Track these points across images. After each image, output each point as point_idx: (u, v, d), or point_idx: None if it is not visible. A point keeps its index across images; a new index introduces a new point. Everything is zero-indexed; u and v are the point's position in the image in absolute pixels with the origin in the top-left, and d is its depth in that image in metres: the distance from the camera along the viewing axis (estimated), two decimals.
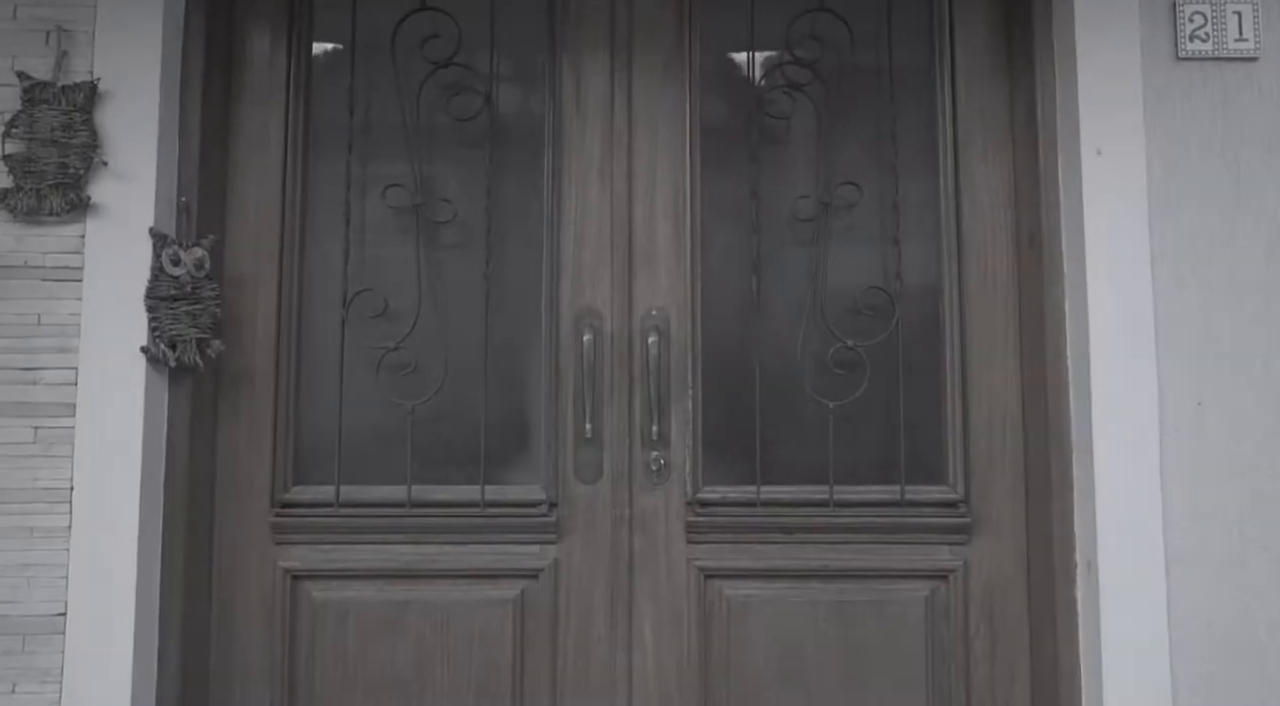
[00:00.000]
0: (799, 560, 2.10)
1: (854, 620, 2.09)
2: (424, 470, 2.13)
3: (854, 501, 2.11)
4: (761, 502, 2.10)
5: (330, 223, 2.18)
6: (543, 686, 2.09)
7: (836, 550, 2.10)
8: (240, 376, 2.11)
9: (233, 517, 2.10)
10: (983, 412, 2.13)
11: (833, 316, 2.15)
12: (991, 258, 2.16)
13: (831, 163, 2.19)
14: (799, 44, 2.20)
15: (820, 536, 2.10)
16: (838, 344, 2.13)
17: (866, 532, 2.11)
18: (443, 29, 2.19)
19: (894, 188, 2.17)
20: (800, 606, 2.10)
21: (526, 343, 2.18)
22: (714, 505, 2.12)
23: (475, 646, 2.09)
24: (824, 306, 2.16)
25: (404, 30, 2.20)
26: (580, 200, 2.19)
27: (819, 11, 2.20)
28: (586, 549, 2.12)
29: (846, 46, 2.21)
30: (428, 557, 2.10)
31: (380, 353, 2.12)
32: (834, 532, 2.10)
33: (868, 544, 2.11)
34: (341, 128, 2.20)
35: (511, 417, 2.17)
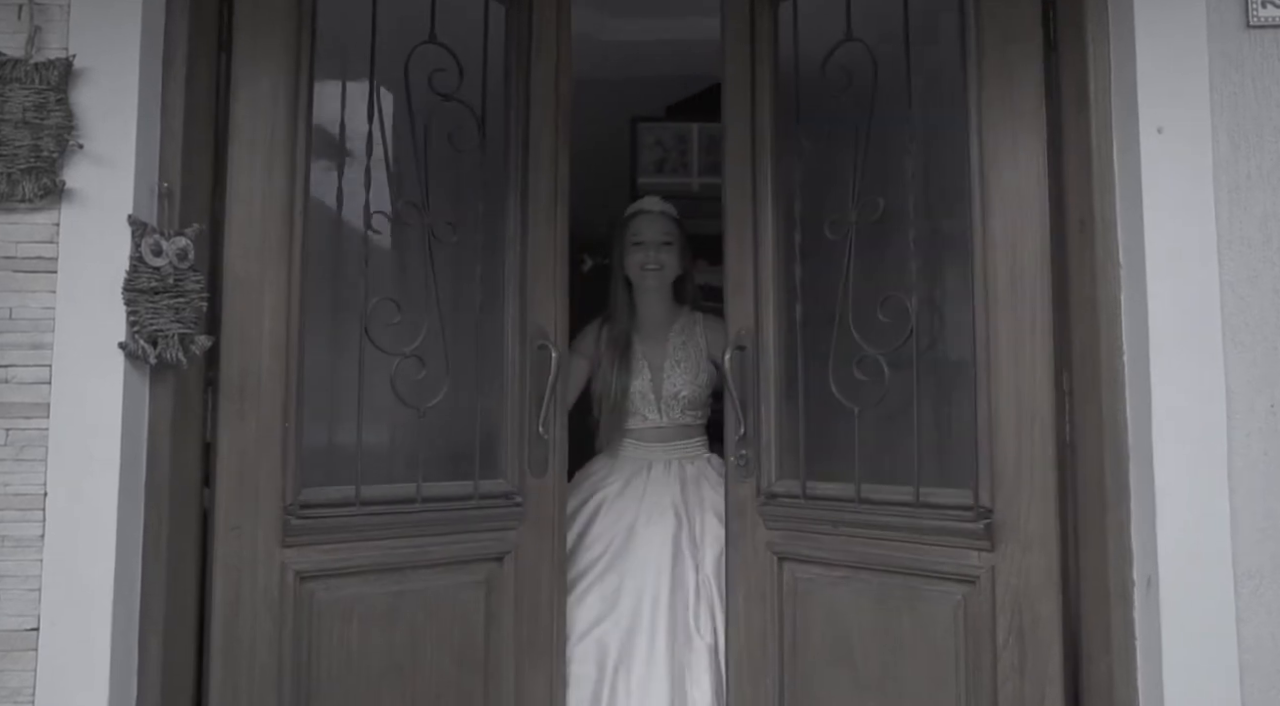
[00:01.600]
0: (843, 552, 2.17)
1: (893, 613, 2.09)
2: (428, 468, 2.16)
3: (878, 500, 2.12)
4: (807, 496, 2.23)
5: (340, 225, 2.11)
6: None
7: (873, 545, 2.13)
8: (246, 376, 1.97)
9: (237, 522, 1.96)
10: (1010, 414, 1.97)
11: (857, 322, 2.15)
12: (1022, 251, 1.98)
13: (863, 173, 2.18)
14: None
15: (858, 531, 2.15)
16: (861, 351, 2.14)
17: (896, 530, 2.09)
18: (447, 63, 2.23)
19: (918, 186, 2.08)
20: (847, 594, 2.16)
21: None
22: (780, 496, 2.30)
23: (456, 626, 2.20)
24: (851, 313, 2.17)
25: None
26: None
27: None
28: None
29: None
30: (420, 549, 2.15)
31: (396, 358, 2.12)
32: (869, 528, 2.13)
33: (900, 541, 2.09)
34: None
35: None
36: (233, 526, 1.96)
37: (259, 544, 1.97)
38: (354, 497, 2.07)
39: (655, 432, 2.84)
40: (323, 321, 2.11)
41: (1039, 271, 1.96)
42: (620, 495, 2.74)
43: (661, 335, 2.89)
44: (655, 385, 2.83)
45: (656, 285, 2.89)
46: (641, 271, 2.87)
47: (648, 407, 2.83)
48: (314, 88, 2.08)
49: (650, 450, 2.83)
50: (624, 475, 2.79)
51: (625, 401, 2.82)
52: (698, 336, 2.88)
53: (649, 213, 2.93)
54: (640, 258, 2.87)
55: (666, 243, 2.88)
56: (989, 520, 1.97)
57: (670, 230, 2.90)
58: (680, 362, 2.84)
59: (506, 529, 2.26)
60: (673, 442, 2.84)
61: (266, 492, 1.98)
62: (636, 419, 2.84)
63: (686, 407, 2.83)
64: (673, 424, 2.83)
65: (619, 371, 2.81)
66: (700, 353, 2.86)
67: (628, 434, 2.86)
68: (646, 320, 2.91)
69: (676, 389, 2.82)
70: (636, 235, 2.89)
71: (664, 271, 2.88)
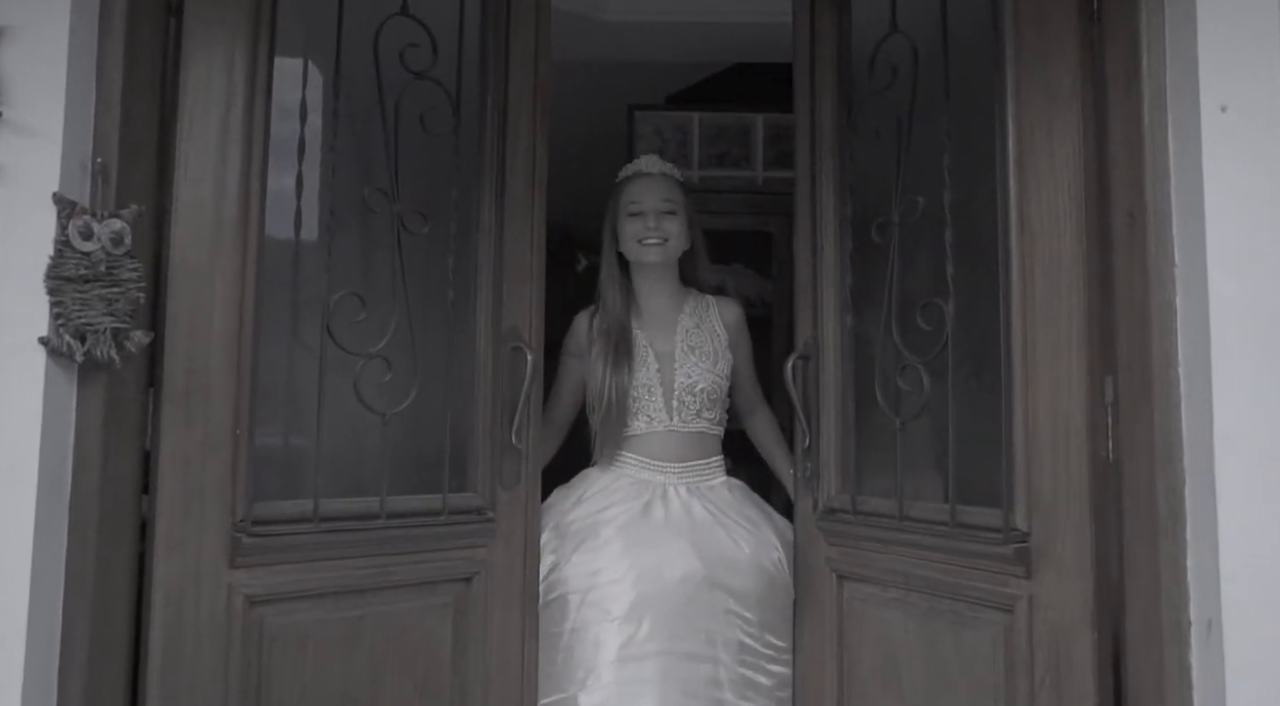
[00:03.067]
0: (892, 572, 2.04)
1: (938, 639, 1.95)
2: (394, 481, 1.98)
3: (919, 518, 1.99)
4: (857, 511, 2.12)
5: (300, 212, 1.90)
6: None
7: (917, 565, 1.99)
8: (193, 376, 1.77)
9: (179, 540, 1.75)
10: (1046, 429, 1.78)
11: (901, 330, 2.03)
12: (1059, 249, 1.78)
13: (904, 173, 2.04)
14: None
15: (903, 550, 2.02)
16: (904, 360, 2.00)
17: (937, 551, 1.94)
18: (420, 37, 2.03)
19: (944, 186, 1.92)
20: (897, 616, 2.04)
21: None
22: (837, 512, 2.19)
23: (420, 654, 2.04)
24: (895, 320, 2.04)
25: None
26: None
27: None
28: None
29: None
30: (382, 569, 1.97)
31: (361, 359, 1.94)
32: (912, 548, 2.00)
33: (941, 563, 1.94)
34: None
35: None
36: (174, 545, 1.76)
37: (204, 564, 1.78)
38: (312, 513, 1.88)
39: (665, 442, 2.33)
40: (280, 317, 1.93)
41: (1079, 268, 1.77)
42: (621, 551, 2.22)
43: (668, 320, 2.42)
44: (665, 377, 2.34)
45: (659, 261, 2.40)
46: (640, 246, 2.38)
47: (655, 406, 2.33)
48: (274, 59, 1.87)
49: (658, 470, 2.33)
50: (625, 508, 2.28)
51: (625, 399, 2.32)
52: (712, 320, 2.44)
53: (647, 175, 2.45)
54: (637, 228, 2.37)
55: (669, 211, 2.39)
56: (1024, 545, 1.79)
57: (674, 195, 2.42)
58: (695, 349, 2.37)
59: (476, 546, 2.09)
60: (688, 462, 2.34)
61: (214, 507, 1.78)
62: (641, 421, 2.33)
63: (704, 407, 2.34)
64: (687, 430, 2.33)
65: (614, 363, 2.32)
66: (719, 339, 2.41)
67: (628, 443, 2.34)
68: (648, 305, 2.43)
69: (691, 381, 2.33)
70: (633, 202, 2.40)
71: (667, 246, 2.38)
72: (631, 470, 2.34)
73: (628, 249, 2.41)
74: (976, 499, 1.90)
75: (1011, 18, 1.84)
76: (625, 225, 2.40)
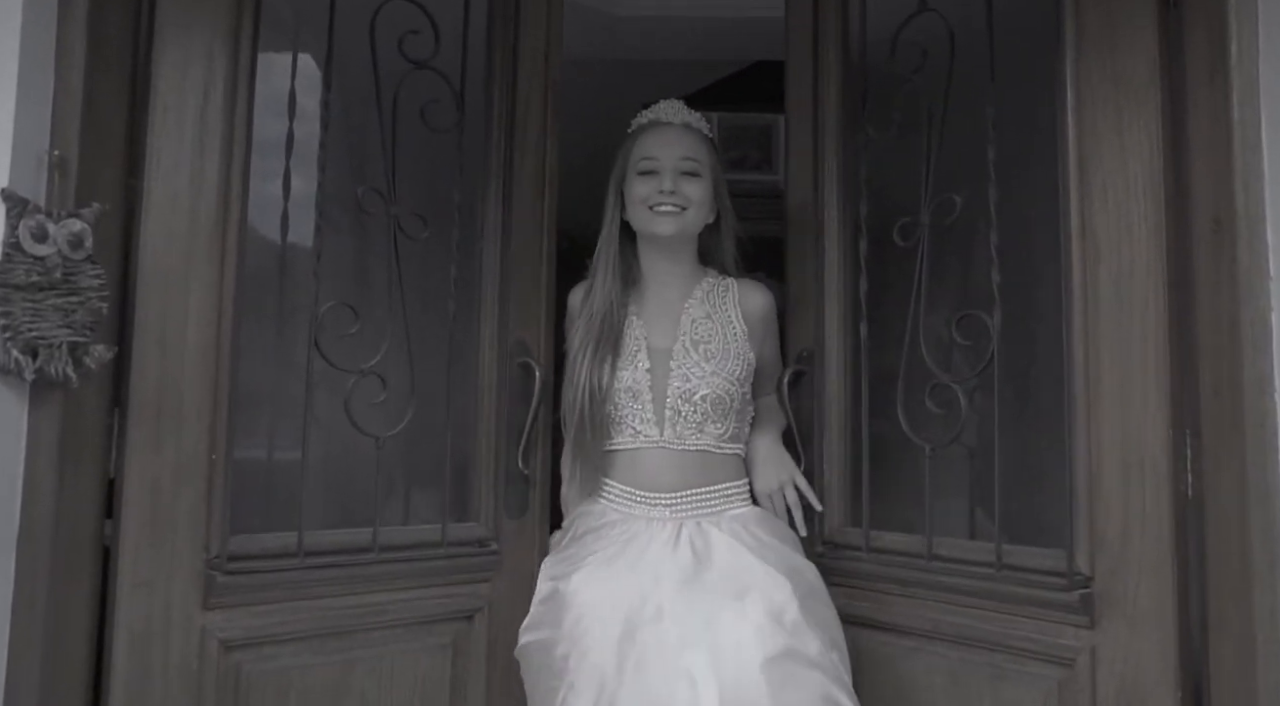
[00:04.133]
0: (914, 618, 1.82)
1: (972, 696, 1.73)
2: (388, 510, 1.87)
3: (953, 557, 1.78)
4: (871, 548, 1.89)
5: (287, 213, 1.74)
6: None
7: (948, 611, 1.77)
8: (164, 395, 1.59)
9: (146, 579, 1.58)
10: (1115, 461, 1.59)
11: (930, 344, 1.82)
12: (1131, 258, 1.60)
13: (936, 168, 1.84)
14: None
15: (930, 594, 1.80)
16: (934, 378, 1.79)
17: (971, 595, 1.74)
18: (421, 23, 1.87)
19: (989, 182, 1.74)
20: (919, 669, 1.80)
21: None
22: (842, 548, 1.93)
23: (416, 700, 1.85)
24: (923, 333, 1.82)
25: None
26: None
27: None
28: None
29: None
30: (374, 608, 1.80)
31: (352, 376, 1.78)
32: (943, 591, 1.78)
33: (980, 609, 1.73)
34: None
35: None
36: (140, 583, 1.58)
37: (174, 605, 1.61)
38: (296, 547, 1.72)
39: (655, 463, 1.82)
40: (263, 329, 1.77)
41: (1154, 281, 1.58)
42: (591, 601, 1.72)
43: (673, 307, 1.91)
44: (656, 379, 1.83)
45: (672, 234, 1.87)
46: (650, 213, 1.86)
47: (642, 416, 1.82)
48: (259, 44, 1.71)
49: (645, 501, 1.81)
50: (600, 550, 1.78)
51: (604, 405, 1.83)
52: (729, 308, 1.92)
53: (665, 125, 1.93)
54: (648, 191, 1.86)
55: (690, 172, 1.88)
56: (1087, 590, 1.60)
57: (698, 152, 1.90)
58: (699, 345, 1.85)
59: (479, 581, 1.92)
60: (689, 491, 1.81)
61: (186, 541, 1.62)
62: (625, 434, 1.84)
63: (707, 419, 1.82)
64: (684, 448, 1.82)
65: (593, 356, 1.83)
66: (734, 332, 1.89)
67: (610, 464, 1.86)
68: (652, 288, 1.93)
69: (689, 386, 1.81)
70: (645, 157, 1.89)
71: (685, 216, 1.86)
72: (615, 504, 1.85)
73: (635, 216, 1.90)
74: (1022, 537, 1.73)
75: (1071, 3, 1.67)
76: (634, 186, 1.89)
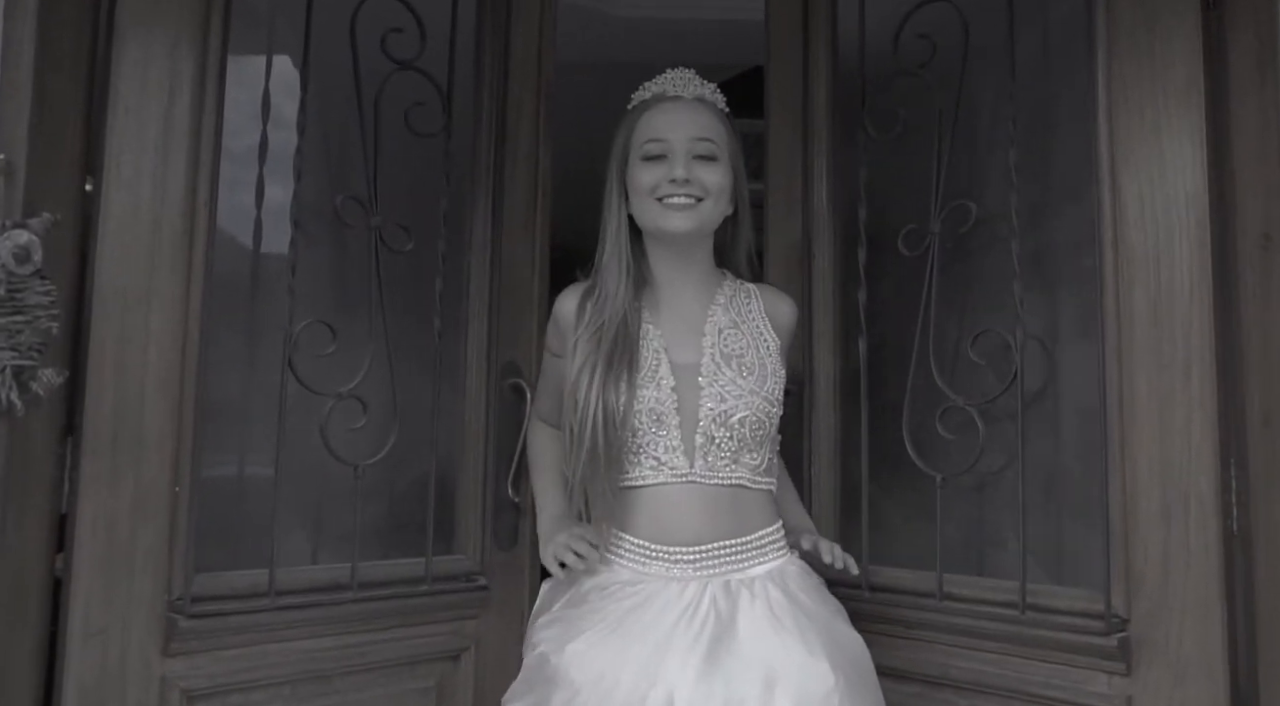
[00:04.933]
0: (920, 663, 1.66)
1: None
2: (368, 544, 1.71)
3: (968, 597, 1.65)
4: (871, 587, 1.73)
5: (259, 224, 1.62)
6: None
7: (959, 656, 1.63)
8: (122, 423, 1.47)
9: (101, 625, 1.45)
10: (1154, 493, 1.47)
11: (941, 363, 1.70)
12: (1171, 273, 1.48)
13: (948, 171, 1.72)
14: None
15: (940, 637, 1.66)
16: (946, 401, 1.68)
17: (989, 638, 1.61)
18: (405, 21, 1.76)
19: (1025, 185, 1.63)
20: None
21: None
22: (836, 585, 1.61)
23: None
24: (933, 351, 1.70)
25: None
26: None
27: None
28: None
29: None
30: (353, 649, 1.68)
31: (329, 400, 1.66)
32: (955, 633, 1.65)
33: (998, 653, 1.60)
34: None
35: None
36: (94, 630, 1.45)
37: (131, 652, 1.48)
38: (267, 586, 1.60)
39: (685, 503, 1.47)
40: (231, 350, 1.66)
41: (1196, 301, 1.46)
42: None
43: (693, 315, 1.57)
44: (685, 400, 1.49)
45: (687, 230, 1.53)
46: (659, 207, 1.52)
47: (668, 444, 1.48)
48: (230, 40, 1.59)
49: (661, 557, 1.46)
50: (605, 614, 1.43)
51: (621, 431, 1.47)
52: (755, 317, 1.60)
53: (675, 99, 1.57)
54: (655, 179, 1.52)
55: (707, 156, 1.52)
56: (1124, 634, 1.48)
57: (715, 132, 1.54)
58: (732, 359, 1.52)
59: (466, 618, 1.82)
60: (714, 545, 1.46)
61: (145, 582, 1.49)
62: (646, 466, 1.48)
63: (745, 447, 1.48)
64: (718, 482, 1.47)
65: (605, 374, 1.48)
66: (767, 345, 1.57)
67: (627, 505, 1.50)
68: (667, 293, 1.59)
69: (725, 407, 1.48)
70: (651, 138, 1.54)
71: (701, 208, 1.52)
72: (626, 559, 1.49)
73: (641, 210, 1.56)
74: (1041, 575, 1.61)
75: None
76: (639, 173, 1.54)
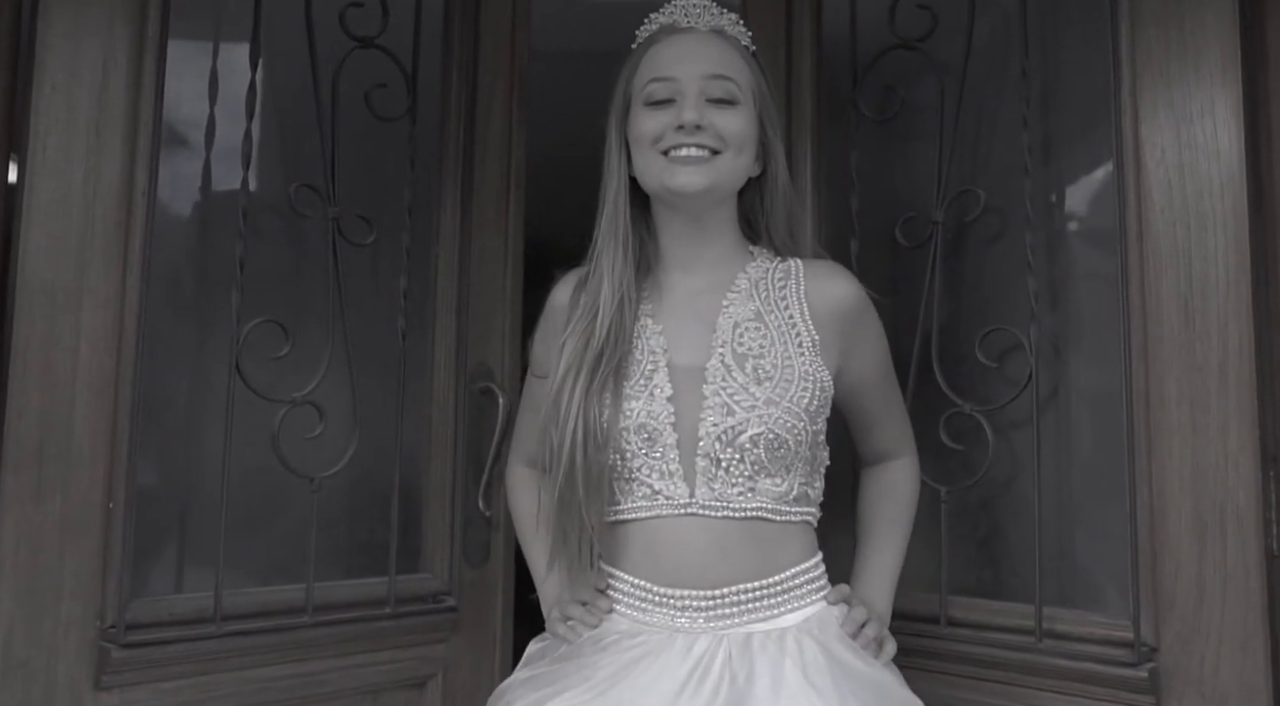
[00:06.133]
0: (921, 695, 1.38)
1: None
2: (324, 563, 1.59)
3: (974, 622, 1.52)
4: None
5: (204, 215, 1.55)
6: None
7: (965, 687, 1.49)
8: (49, 433, 1.34)
9: (23, 657, 1.32)
10: (1185, 509, 1.34)
11: (945, 365, 1.57)
12: (1204, 266, 1.35)
13: (953, 155, 1.60)
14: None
15: (943, 666, 1.50)
16: (951, 406, 1.55)
17: (998, 668, 1.47)
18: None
19: (1025, 174, 1.51)
20: None
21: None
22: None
23: None
24: (936, 351, 1.57)
25: None
26: None
27: None
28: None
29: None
30: (309, 678, 1.56)
31: (282, 407, 1.53)
32: (960, 663, 1.50)
33: (1008, 684, 1.46)
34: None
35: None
36: (16, 663, 1.32)
37: (58, 687, 1.35)
38: (212, 611, 1.46)
39: (684, 538, 1.21)
40: (173, 352, 1.53)
41: (1233, 297, 1.33)
42: None
43: (703, 301, 1.31)
44: (683, 412, 1.22)
45: (700, 189, 1.25)
46: (666, 161, 1.25)
47: (660, 469, 1.22)
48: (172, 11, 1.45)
49: (663, 602, 1.22)
50: (594, 670, 1.17)
51: (603, 451, 1.22)
52: (790, 303, 1.29)
53: (687, 31, 1.30)
54: (661, 126, 1.25)
55: (725, 98, 1.26)
56: (1152, 663, 1.35)
57: (736, 69, 1.28)
58: (747, 360, 1.24)
59: (433, 642, 1.70)
60: (730, 590, 1.20)
61: (74, 609, 1.36)
62: (637, 498, 1.23)
63: (761, 471, 1.21)
64: (725, 513, 1.20)
65: (590, 378, 1.23)
66: (799, 340, 1.27)
67: (616, 542, 1.27)
68: (673, 273, 1.34)
69: (734, 422, 1.20)
70: (658, 77, 1.27)
71: (719, 162, 1.25)
72: (622, 605, 1.25)
73: (644, 166, 1.28)
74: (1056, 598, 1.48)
75: None
76: (641, 120, 1.27)
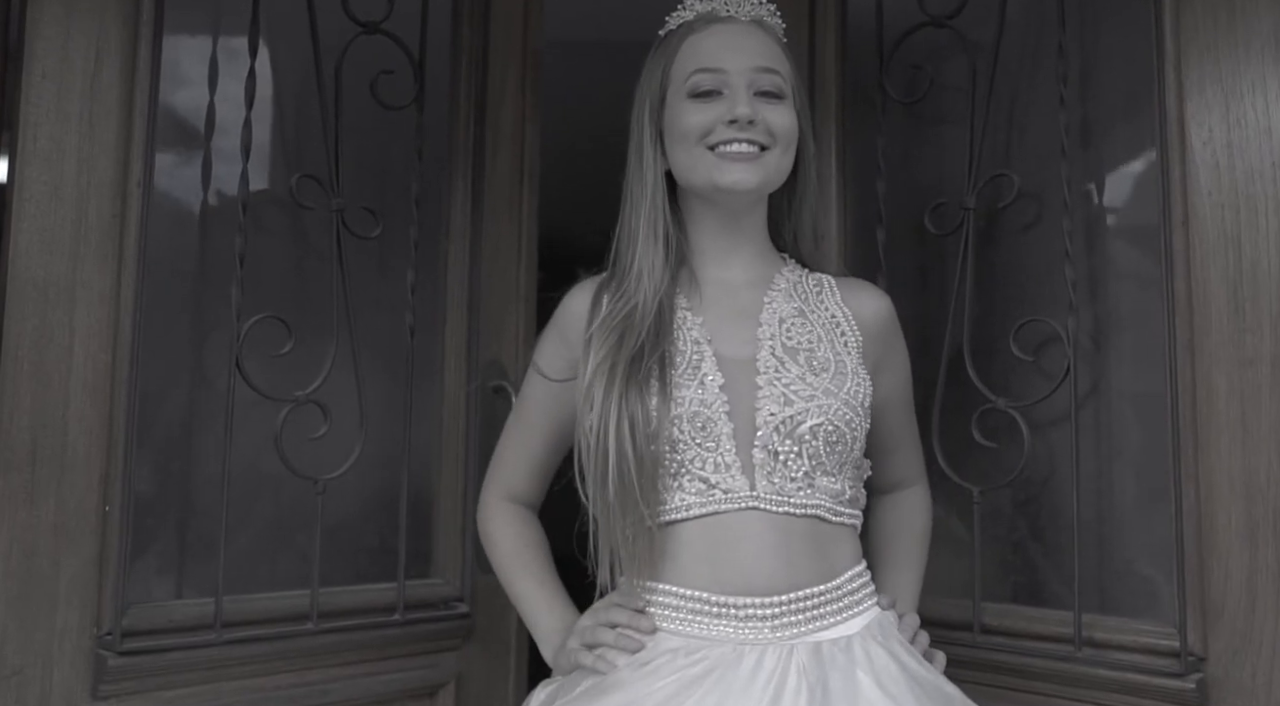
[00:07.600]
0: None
1: None
2: (330, 568, 1.55)
3: (1009, 630, 1.46)
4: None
5: (203, 207, 1.49)
6: None
7: (1001, 698, 1.42)
8: (41, 434, 1.30)
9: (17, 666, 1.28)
10: (1236, 512, 1.27)
11: (978, 359, 1.51)
12: (1254, 254, 1.27)
13: (985, 139, 1.53)
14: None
15: (977, 676, 1.41)
16: (984, 402, 1.48)
17: (1035, 678, 1.41)
18: None
19: (1062, 157, 1.43)
20: None
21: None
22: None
23: None
24: (967, 344, 1.51)
25: None
26: None
27: None
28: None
29: None
30: (314, 689, 1.52)
31: (285, 406, 1.48)
32: (995, 672, 1.43)
33: (1047, 695, 1.41)
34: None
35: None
36: (10, 672, 1.28)
37: (53, 696, 1.32)
38: (213, 618, 1.43)
39: (747, 535, 1.14)
40: (170, 350, 1.48)
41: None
42: None
43: (743, 297, 1.27)
44: (738, 401, 1.17)
45: (751, 187, 1.21)
46: (715, 157, 1.20)
47: (715, 461, 1.15)
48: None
49: (725, 613, 1.12)
50: (645, 695, 1.07)
51: (657, 445, 1.14)
52: (829, 306, 1.29)
53: (729, 20, 1.26)
54: (708, 120, 1.20)
55: (773, 92, 1.22)
56: (1200, 674, 1.28)
57: (780, 63, 1.25)
58: (798, 353, 1.21)
59: (444, 650, 1.66)
60: (796, 595, 1.13)
61: (69, 616, 1.33)
62: (690, 490, 1.15)
63: (819, 467, 1.16)
64: (786, 508, 1.14)
65: (631, 371, 1.15)
66: (844, 339, 1.26)
67: (667, 544, 1.16)
68: (709, 268, 1.29)
69: (794, 412, 1.16)
70: (704, 67, 1.22)
71: (768, 158, 1.21)
72: (674, 620, 1.15)
73: (688, 163, 1.22)
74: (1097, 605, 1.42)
75: None
76: (685, 114, 1.22)
